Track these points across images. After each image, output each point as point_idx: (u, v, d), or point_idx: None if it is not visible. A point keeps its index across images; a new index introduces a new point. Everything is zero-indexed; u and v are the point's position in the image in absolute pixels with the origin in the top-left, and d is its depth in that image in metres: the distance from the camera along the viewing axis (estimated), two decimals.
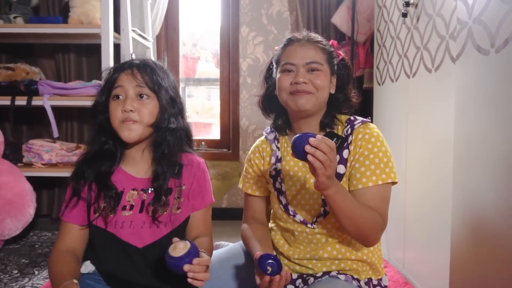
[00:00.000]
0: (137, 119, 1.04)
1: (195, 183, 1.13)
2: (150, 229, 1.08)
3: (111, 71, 1.09)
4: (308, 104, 1.16)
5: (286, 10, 2.65)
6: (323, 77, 1.16)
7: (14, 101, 2.15)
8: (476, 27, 1.09)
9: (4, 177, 1.97)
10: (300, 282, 1.24)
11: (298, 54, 1.15)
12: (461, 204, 1.20)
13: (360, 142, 1.15)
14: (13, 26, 2.16)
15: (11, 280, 1.71)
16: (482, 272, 1.10)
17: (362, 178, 1.12)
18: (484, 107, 1.07)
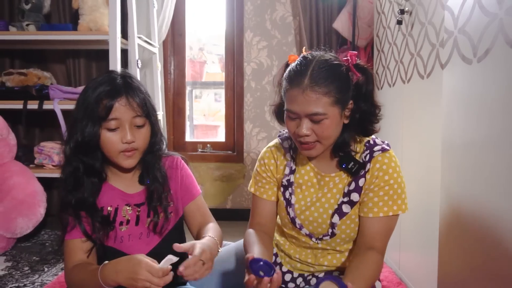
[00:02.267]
0: (137, 148, 1.07)
1: (179, 184, 1.18)
2: (147, 239, 1.14)
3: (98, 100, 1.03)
4: (317, 153, 1.11)
5: (289, 15, 2.70)
6: (329, 124, 1.06)
7: (27, 105, 2.24)
8: (461, 37, 1.13)
9: (16, 178, 2.06)
10: (301, 281, 1.28)
11: (299, 104, 1.04)
12: (448, 206, 1.24)
13: (378, 172, 1.11)
14: (26, 33, 2.25)
15: (22, 276, 1.79)
16: (468, 272, 1.14)
17: (373, 207, 1.11)
18: (468, 114, 1.11)
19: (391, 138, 1.83)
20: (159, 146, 1.15)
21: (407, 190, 1.61)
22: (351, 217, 1.15)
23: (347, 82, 1.07)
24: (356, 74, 1.07)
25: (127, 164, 1.08)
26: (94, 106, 1.03)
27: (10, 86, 2.31)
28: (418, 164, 1.51)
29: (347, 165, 1.13)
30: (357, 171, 1.12)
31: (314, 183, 1.21)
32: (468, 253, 1.14)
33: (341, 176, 1.18)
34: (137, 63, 2.14)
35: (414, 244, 1.55)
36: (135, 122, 1.06)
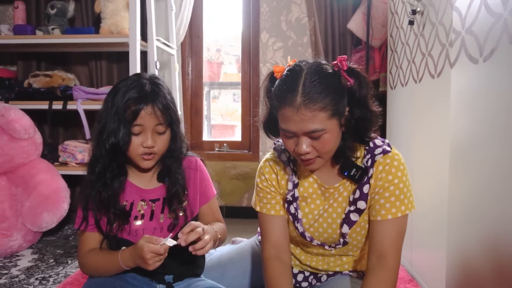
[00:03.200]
0: (156, 152, 1.15)
1: (196, 184, 1.24)
2: (160, 233, 1.20)
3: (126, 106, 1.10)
4: (319, 166, 1.07)
5: (304, 16, 2.74)
6: (329, 138, 1.00)
7: (52, 105, 2.35)
8: (468, 37, 1.15)
9: (42, 175, 2.16)
10: (313, 278, 1.29)
11: (295, 123, 0.98)
12: (456, 204, 1.26)
13: (381, 174, 1.09)
14: (51, 36, 2.36)
15: (47, 268, 1.89)
16: (476, 270, 1.16)
17: (381, 210, 1.08)
18: (475, 112, 1.13)
19: (403, 138, 1.85)
20: (179, 152, 1.22)
21: (418, 189, 1.64)
22: (361, 224, 1.15)
23: (341, 90, 1.00)
24: (349, 80, 1.00)
25: (145, 165, 1.16)
26: (122, 111, 1.10)
27: (37, 87, 2.42)
28: (429, 162, 1.53)
29: (349, 172, 1.10)
30: (360, 178, 1.09)
31: (319, 194, 1.17)
32: (476, 250, 1.16)
33: (345, 185, 1.14)
34: (155, 65, 2.21)
35: (425, 243, 1.57)
36: (157, 129, 1.13)
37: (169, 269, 1.22)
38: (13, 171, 2.17)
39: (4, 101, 2.35)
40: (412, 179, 1.70)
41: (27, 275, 1.80)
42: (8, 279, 1.75)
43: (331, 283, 1.23)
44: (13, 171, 2.17)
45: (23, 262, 1.95)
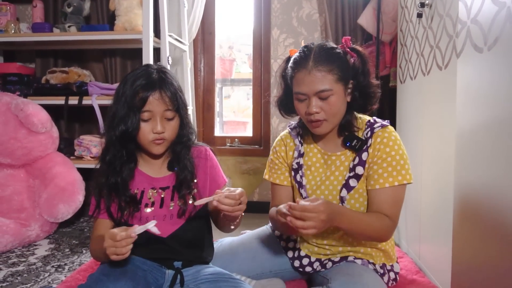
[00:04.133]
0: (166, 138, 1.18)
1: (206, 173, 1.27)
2: (171, 221, 1.23)
3: (134, 93, 1.13)
4: (326, 130, 1.22)
5: (315, 12, 2.76)
6: (336, 100, 1.17)
7: (68, 101, 2.42)
8: (473, 26, 1.15)
9: (58, 167, 2.23)
10: (318, 265, 1.35)
11: (307, 84, 1.16)
12: (461, 195, 1.26)
13: (379, 145, 1.22)
14: (67, 34, 2.43)
15: (63, 256, 1.95)
16: (482, 259, 1.17)
17: (379, 179, 1.20)
18: (480, 101, 1.14)
19: (412, 131, 1.85)
20: (188, 137, 1.25)
21: (425, 181, 1.64)
22: (359, 191, 1.24)
23: (346, 62, 1.20)
24: (352, 54, 1.22)
25: (156, 150, 1.19)
26: (131, 98, 1.14)
27: (54, 83, 2.49)
28: (435, 155, 1.53)
29: (351, 143, 1.24)
30: (360, 147, 1.22)
31: (322, 163, 1.31)
32: (482, 240, 1.16)
33: (346, 154, 1.27)
34: (167, 60, 2.26)
35: (432, 235, 1.58)
36: (166, 115, 1.17)
37: (177, 255, 1.25)
38: (31, 163, 2.24)
39: (23, 96, 2.43)
40: (420, 172, 1.71)
41: (43, 263, 1.86)
42: (26, 266, 1.82)
43: (338, 269, 1.26)
44: (31, 163, 2.24)
45: (40, 251, 2.02)
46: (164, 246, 1.23)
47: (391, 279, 1.32)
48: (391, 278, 1.32)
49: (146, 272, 1.25)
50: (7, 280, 1.66)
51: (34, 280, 1.67)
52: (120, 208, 1.20)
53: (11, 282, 1.64)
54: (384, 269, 1.31)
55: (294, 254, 1.41)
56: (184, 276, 1.24)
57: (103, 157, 1.21)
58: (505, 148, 1.02)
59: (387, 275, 1.30)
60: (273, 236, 1.48)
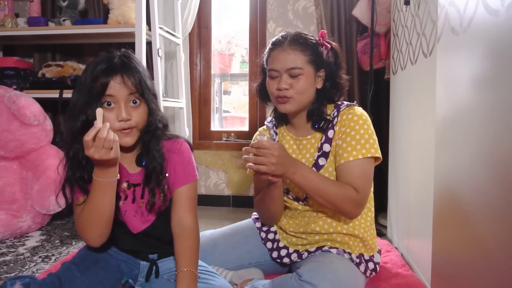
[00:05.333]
0: (134, 125, 1.09)
1: (175, 167, 1.18)
2: (141, 218, 1.19)
3: (95, 78, 1.05)
4: (292, 108, 1.27)
5: (311, 5, 2.72)
6: (305, 80, 1.24)
7: (62, 94, 2.43)
8: (451, 9, 1.11)
9: (51, 160, 2.25)
10: (296, 256, 1.34)
11: (280, 60, 1.24)
12: (441, 188, 1.22)
13: (344, 122, 1.25)
14: (61, 27, 2.45)
15: (52, 247, 1.96)
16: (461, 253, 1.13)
17: (343, 153, 1.22)
18: (457, 86, 1.10)
19: (402, 124, 1.81)
20: (156, 125, 1.15)
21: (412, 174, 1.60)
22: (328, 169, 1.27)
23: (319, 51, 1.27)
24: (326, 46, 1.29)
25: (125, 142, 1.10)
26: (91, 84, 1.06)
27: (49, 77, 2.51)
28: (420, 146, 1.49)
29: (319, 125, 1.28)
30: (326, 126, 1.27)
31: (294, 149, 1.35)
32: (461, 231, 1.12)
33: (316, 137, 1.31)
34: (157, 52, 2.25)
35: (419, 229, 1.54)
36: (130, 99, 1.08)
37: (151, 248, 1.23)
38: (25, 156, 2.26)
39: (19, 90, 2.45)
40: (408, 164, 1.67)
41: (32, 253, 1.88)
42: (13, 256, 1.83)
43: (311, 258, 1.26)
44: (25, 156, 2.26)
45: (30, 242, 2.04)
46: (136, 240, 1.21)
47: (369, 269, 1.29)
48: (369, 268, 1.29)
49: (120, 262, 1.24)
50: None
51: (19, 269, 1.68)
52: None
53: None
54: (361, 259, 1.28)
55: (273, 245, 1.40)
56: (159, 267, 1.22)
57: (66, 151, 1.13)
58: (482, 135, 0.98)
59: (364, 265, 1.27)
60: (254, 228, 1.46)
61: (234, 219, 2.56)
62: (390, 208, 2.07)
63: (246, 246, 1.43)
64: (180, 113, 2.66)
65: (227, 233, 1.50)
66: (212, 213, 2.70)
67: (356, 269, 1.23)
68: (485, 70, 0.93)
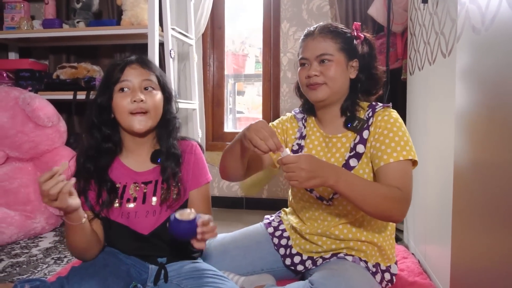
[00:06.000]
0: (148, 109, 1.12)
1: (190, 167, 1.21)
2: (153, 217, 1.18)
3: (113, 68, 1.14)
4: (322, 94, 1.22)
5: (326, 4, 2.67)
6: (335, 67, 1.20)
7: (76, 96, 2.44)
8: (472, 7, 1.06)
9: (65, 161, 2.25)
10: (310, 263, 1.30)
11: (310, 48, 1.22)
12: (461, 192, 1.17)
13: (380, 123, 1.20)
14: (75, 29, 2.46)
15: (65, 249, 1.96)
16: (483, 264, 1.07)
17: (383, 155, 1.16)
18: (479, 85, 1.05)
19: (419, 126, 1.76)
20: (173, 116, 1.21)
21: (430, 178, 1.55)
22: (359, 172, 1.20)
23: (352, 41, 1.25)
24: (359, 36, 1.25)
25: (137, 126, 1.12)
26: (109, 73, 1.14)
27: (63, 78, 2.52)
28: (439, 149, 1.43)
29: (352, 124, 1.22)
30: (361, 127, 1.21)
31: (323, 146, 1.29)
32: (482, 235, 1.07)
33: (347, 136, 1.26)
34: (170, 53, 2.24)
35: (436, 234, 1.48)
36: (145, 84, 1.13)
37: (160, 251, 1.22)
38: (39, 157, 2.28)
39: (34, 91, 2.47)
40: (426, 167, 1.61)
41: (44, 254, 1.88)
42: (27, 257, 1.84)
43: (325, 265, 1.21)
44: (39, 157, 2.28)
45: (44, 243, 2.05)
46: (146, 243, 1.20)
47: (385, 279, 1.24)
48: (385, 279, 1.24)
49: (129, 266, 1.22)
50: (6, 271, 1.68)
51: (31, 271, 1.68)
52: (99, 194, 1.15)
53: (9, 273, 1.66)
54: (377, 268, 1.23)
55: (286, 251, 1.36)
56: (168, 271, 1.20)
57: (85, 139, 1.19)
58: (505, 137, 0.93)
59: (380, 275, 1.22)
60: (266, 234, 1.42)
61: (247, 221, 2.54)
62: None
63: (258, 252, 1.39)
64: (193, 114, 2.65)
65: (238, 239, 1.46)
66: (225, 215, 2.68)
67: (372, 279, 1.18)
68: (509, 70, 0.88)
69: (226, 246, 1.43)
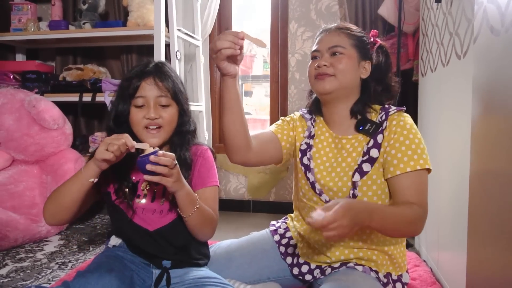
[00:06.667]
0: (162, 124, 1.15)
1: (199, 170, 1.23)
2: (160, 216, 1.20)
3: (130, 80, 1.15)
4: (329, 86, 1.17)
5: (335, 4, 2.62)
6: (347, 60, 1.17)
7: (82, 98, 2.42)
8: (490, 6, 1.01)
9: (70, 164, 2.24)
10: (318, 272, 1.25)
11: (323, 41, 1.20)
12: (478, 199, 1.12)
13: (395, 128, 1.14)
14: (81, 31, 2.44)
15: (69, 253, 1.94)
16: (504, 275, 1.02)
17: (399, 163, 1.10)
18: (500, 92, 0.99)
19: (431, 129, 1.70)
20: (189, 127, 1.22)
21: (441, 183, 1.49)
22: (372, 177, 1.14)
23: (366, 43, 1.22)
24: (376, 41, 1.23)
25: (150, 142, 1.15)
26: (125, 85, 1.16)
27: (69, 80, 2.51)
28: (453, 153, 1.38)
29: (364, 127, 1.17)
30: (374, 131, 1.15)
31: (332, 148, 1.24)
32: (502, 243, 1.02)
33: (358, 139, 1.19)
34: (176, 55, 2.21)
35: (450, 241, 1.42)
36: (159, 101, 1.15)
37: (164, 253, 1.21)
38: (45, 160, 2.26)
39: (40, 93, 2.46)
40: (438, 172, 1.56)
41: (49, 259, 1.86)
42: (31, 262, 1.82)
43: (334, 275, 1.17)
44: (45, 160, 2.26)
45: (49, 247, 2.02)
46: (150, 240, 1.20)
47: None
48: None
49: (133, 272, 1.22)
50: (10, 276, 1.66)
51: (35, 276, 1.66)
52: (117, 191, 1.18)
53: (13, 278, 1.64)
54: (388, 279, 1.18)
55: (293, 260, 1.32)
56: (171, 277, 1.19)
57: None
58: None
59: (391, 285, 1.17)
60: (272, 241, 1.38)
61: (254, 225, 2.50)
62: None
63: (264, 260, 1.35)
64: (199, 116, 2.61)
65: (244, 246, 1.42)
66: (232, 218, 2.64)
67: None
68: None
69: (231, 253, 1.39)
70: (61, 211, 1.11)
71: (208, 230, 1.21)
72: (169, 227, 1.20)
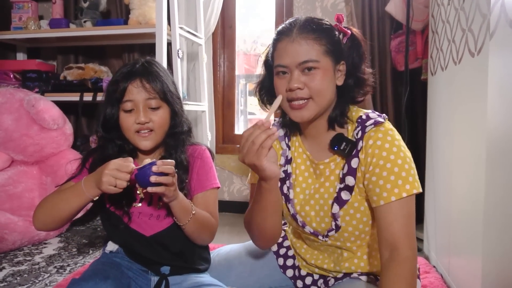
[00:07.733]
0: (152, 128, 1.11)
1: (198, 173, 1.18)
2: (157, 220, 1.16)
3: (116, 85, 1.10)
4: (308, 114, 1.00)
5: (341, 2, 2.56)
6: (322, 75, 0.98)
7: (83, 97, 2.38)
8: (509, 0, 0.95)
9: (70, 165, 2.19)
10: (322, 283, 1.20)
11: (289, 53, 0.97)
12: (493, 204, 1.06)
13: (372, 150, 0.98)
14: (82, 29, 2.40)
15: (68, 257, 1.90)
16: None
17: (382, 192, 0.96)
18: None
19: (442, 131, 1.64)
20: (181, 128, 1.17)
21: (455, 185, 1.43)
22: (354, 205, 1.02)
23: (337, 38, 1.01)
24: (345, 32, 1.03)
25: (142, 145, 1.12)
26: (111, 89, 1.11)
27: (70, 79, 2.47)
28: (467, 156, 1.32)
29: (339, 147, 1.02)
30: (350, 151, 1.00)
31: (310, 172, 1.10)
32: None
33: (336, 161, 1.06)
34: (177, 53, 2.16)
35: (462, 246, 1.36)
36: (149, 104, 1.10)
37: (161, 258, 1.17)
38: (44, 160, 2.22)
39: (41, 93, 2.42)
40: (450, 175, 1.50)
41: (47, 263, 1.82)
42: (29, 266, 1.78)
43: (338, 286, 1.11)
44: (44, 160, 2.22)
45: (48, 250, 1.98)
46: (146, 245, 1.16)
47: None
48: None
49: (130, 279, 1.18)
50: (6, 280, 1.61)
51: (32, 281, 1.61)
52: (112, 197, 1.13)
53: (9, 283, 1.59)
54: None
55: (294, 273, 1.25)
56: (170, 284, 1.16)
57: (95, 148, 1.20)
58: None
59: None
60: (271, 251, 1.31)
61: None
62: (427, 219, 1.89)
63: (265, 269, 1.29)
64: (202, 116, 2.56)
65: (243, 254, 1.35)
66: (236, 220, 2.59)
67: None
68: None
69: (231, 261, 1.33)
70: (56, 221, 1.10)
71: (206, 235, 1.16)
72: (166, 232, 1.16)
